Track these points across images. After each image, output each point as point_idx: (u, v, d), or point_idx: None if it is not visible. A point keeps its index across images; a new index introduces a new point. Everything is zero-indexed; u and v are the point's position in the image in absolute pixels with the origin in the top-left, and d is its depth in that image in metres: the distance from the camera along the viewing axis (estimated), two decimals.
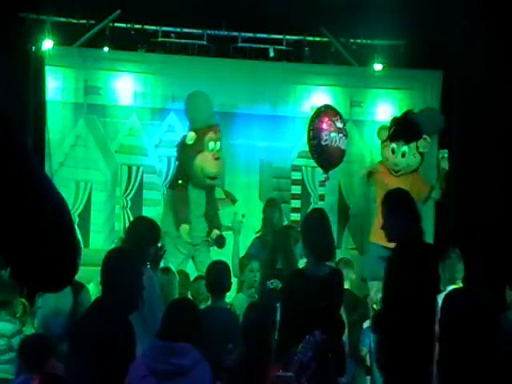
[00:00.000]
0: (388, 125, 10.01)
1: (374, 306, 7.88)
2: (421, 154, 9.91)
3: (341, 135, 9.66)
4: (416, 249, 5.86)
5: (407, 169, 9.89)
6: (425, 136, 9.87)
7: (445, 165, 9.70)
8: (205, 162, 9.40)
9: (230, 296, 7.54)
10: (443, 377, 3.71)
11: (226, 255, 8.59)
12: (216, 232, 9.46)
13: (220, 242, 9.35)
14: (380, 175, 9.89)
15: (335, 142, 9.62)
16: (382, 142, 9.98)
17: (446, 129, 10.32)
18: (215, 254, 9.30)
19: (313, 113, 9.93)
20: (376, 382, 7.48)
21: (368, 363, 7.84)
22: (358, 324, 7.85)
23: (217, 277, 6.81)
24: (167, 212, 9.65)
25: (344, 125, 9.82)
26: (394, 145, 9.83)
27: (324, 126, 9.61)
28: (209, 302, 7.13)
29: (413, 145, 9.86)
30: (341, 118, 9.81)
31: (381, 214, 6.20)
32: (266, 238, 8.83)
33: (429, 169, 10.52)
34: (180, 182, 9.51)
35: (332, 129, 9.59)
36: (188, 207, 9.48)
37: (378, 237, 8.00)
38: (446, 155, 9.60)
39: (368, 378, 7.89)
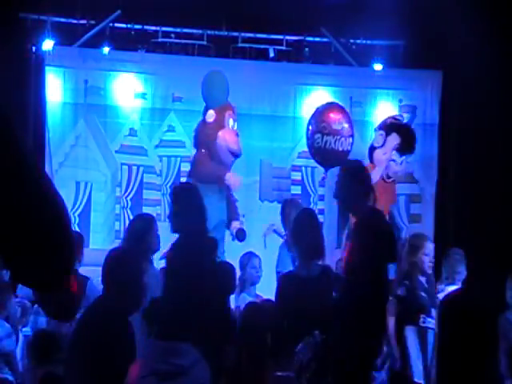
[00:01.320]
0: (381, 130, 9.27)
1: None
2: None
3: (338, 137, 9.12)
4: None
5: (398, 175, 9.58)
6: None
7: None
8: (229, 137, 8.90)
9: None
10: (443, 378, 3.71)
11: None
12: (236, 225, 9.12)
13: (240, 235, 9.03)
14: None
15: (330, 144, 9.10)
16: (378, 147, 9.20)
17: (446, 129, 10.30)
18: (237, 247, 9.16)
19: (313, 112, 9.72)
20: None
21: None
22: None
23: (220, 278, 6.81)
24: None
25: (345, 124, 9.24)
26: (394, 152, 9.19)
27: (318, 128, 9.19)
28: None
29: None
30: (342, 118, 9.29)
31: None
32: None
33: (428, 168, 10.54)
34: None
35: (326, 131, 9.12)
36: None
37: None
38: None
39: None
